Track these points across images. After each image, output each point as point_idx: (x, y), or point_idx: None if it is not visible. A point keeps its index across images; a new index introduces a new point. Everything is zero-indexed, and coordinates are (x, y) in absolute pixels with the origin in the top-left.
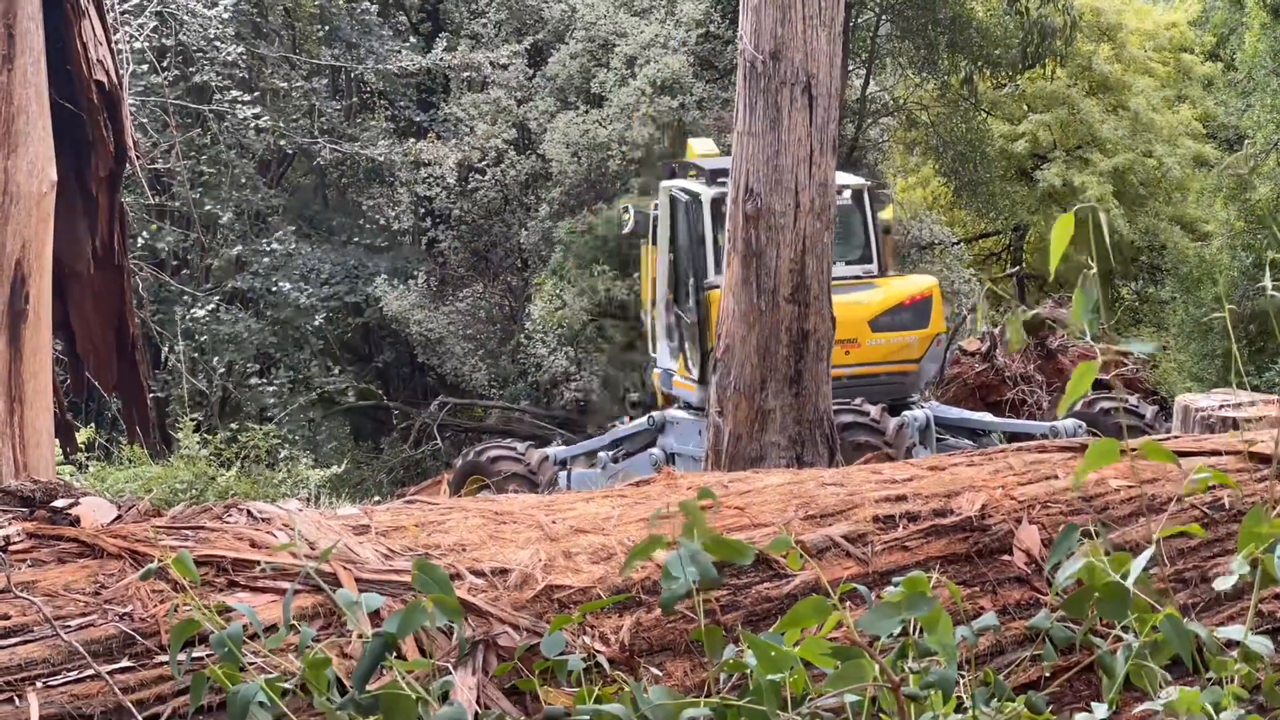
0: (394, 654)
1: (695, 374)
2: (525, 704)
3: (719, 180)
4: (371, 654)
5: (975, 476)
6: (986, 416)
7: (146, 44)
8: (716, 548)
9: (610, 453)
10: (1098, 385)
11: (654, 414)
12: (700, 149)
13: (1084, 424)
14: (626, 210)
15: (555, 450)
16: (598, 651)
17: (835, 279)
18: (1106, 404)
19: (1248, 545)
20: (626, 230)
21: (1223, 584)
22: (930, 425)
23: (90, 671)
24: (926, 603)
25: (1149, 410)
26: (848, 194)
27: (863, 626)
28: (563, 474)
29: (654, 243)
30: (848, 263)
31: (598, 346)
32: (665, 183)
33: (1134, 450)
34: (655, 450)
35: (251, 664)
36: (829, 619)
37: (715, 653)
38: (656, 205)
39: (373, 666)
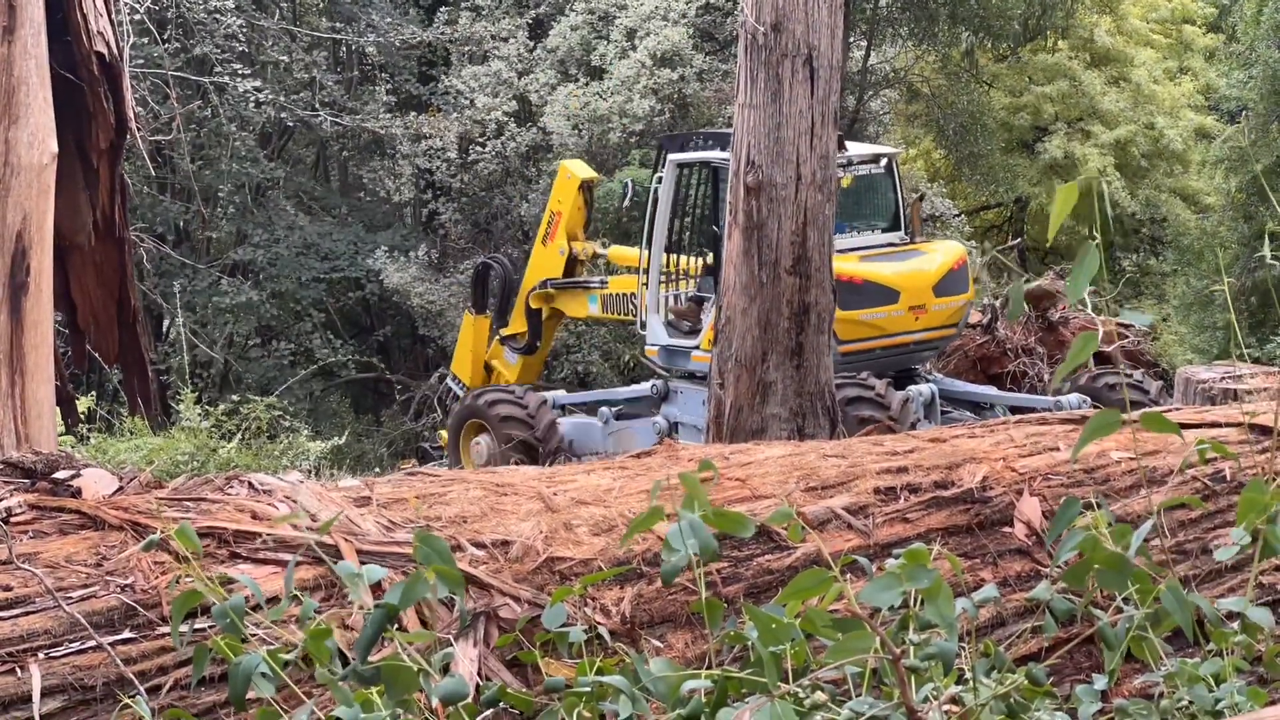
0: (395, 626)
1: None
2: (526, 675)
3: None
4: (373, 625)
5: (976, 449)
6: (990, 390)
7: (146, 15)
8: (717, 520)
9: (613, 409)
10: (1098, 358)
11: (656, 382)
12: (576, 169)
13: (1088, 399)
14: (626, 184)
15: (555, 395)
16: (599, 623)
17: (874, 246)
18: (1110, 379)
19: (1248, 516)
20: (626, 203)
21: (1223, 555)
22: (935, 400)
23: (92, 643)
24: (927, 575)
25: (1154, 386)
26: (882, 162)
27: (864, 598)
28: (562, 420)
29: (652, 217)
30: (882, 230)
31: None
32: (676, 155)
33: (1134, 422)
34: (659, 419)
35: (253, 635)
36: (830, 590)
37: (716, 625)
38: (659, 179)
39: (374, 638)
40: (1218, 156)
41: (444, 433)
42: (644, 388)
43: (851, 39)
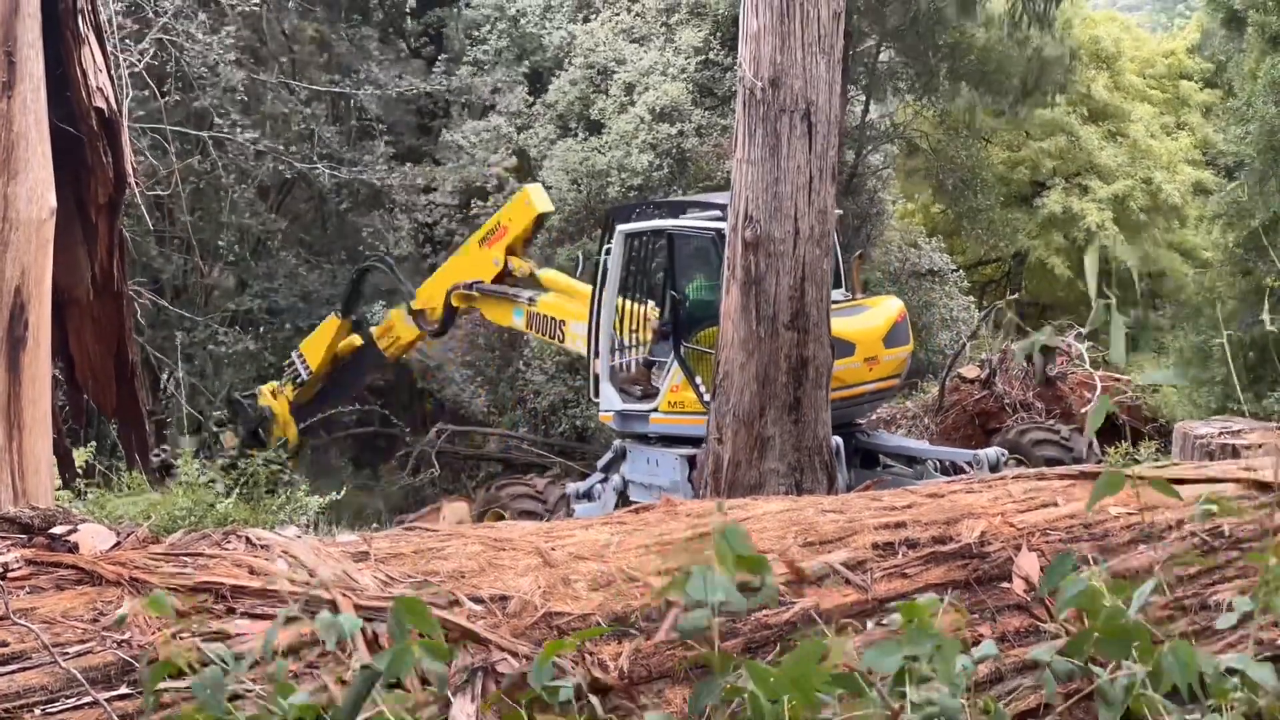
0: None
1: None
2: None
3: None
4: (356, 690)
5: (974, 504)
6: (923, 444)
7: (145, 70)
8: (742, 562)
9: (602, 478)
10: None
11: (616, 443)
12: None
13: (1006, 452)
14: (578, 258)
15: (572, 486)
16: (597, 678)
17: None
18: (1038, 434)
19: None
20: (578, 275)
21: (1224, 623)
22: (840, 451)
23: (88, 699)
24: (929, 638)
25: (1081, 444)
26: None
27: (867, 663)
28: (577, 506)
29: (602, 287)
30: None
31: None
32: (625, 226)
33: (1136, 479)
34: (616, 478)
35: (247, 692)
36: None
37: (724, 677)
38: (608, 250)
39: (359, 702)
40: (1215, 211)
41: (264, 389)
42: (610, 451)
43: (850, 94)
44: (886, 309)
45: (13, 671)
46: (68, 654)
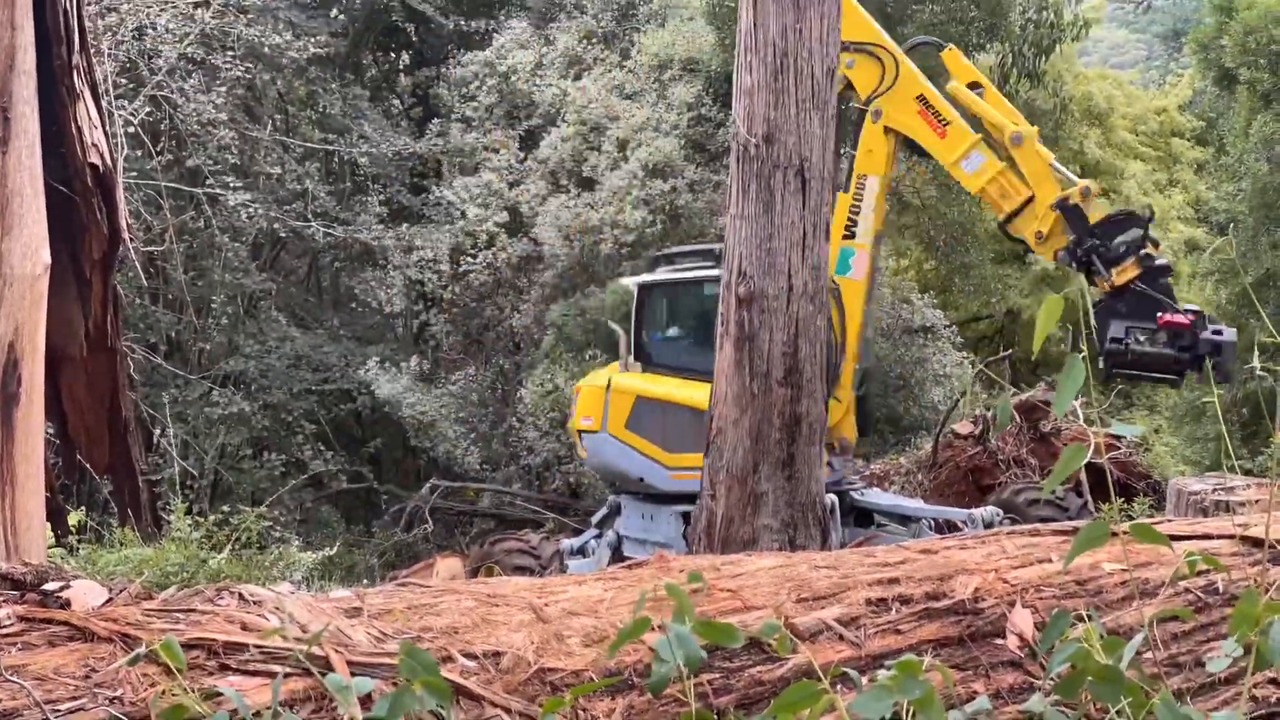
0: None
1: None
2: None
3: None
4: None
5: (968, 560)
6: (917, 503)
7: (140, 128)
8: (706, 631)
9: (596, 534)
10: (1090, 469)
11: (611, 498)
12: None
13: (1000, 512)
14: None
15: (566, 542)
16: None
17: None
18: (1032, 493)
19: (1240, 628)
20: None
21: (1216, 666)
22: (835, 509)
23: None
24: (918, 685)
25: (1075, 503)
26: None
27: (855, 709)
28: (570, 563)
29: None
30: None
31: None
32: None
33: (1125, 534)
34: (610, 533)
35: None
36: (820, 703)
37: None
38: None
39: None
40: (1208, 268)
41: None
42: (606, 505)
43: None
44: None
45: None
46: (59, 711)
